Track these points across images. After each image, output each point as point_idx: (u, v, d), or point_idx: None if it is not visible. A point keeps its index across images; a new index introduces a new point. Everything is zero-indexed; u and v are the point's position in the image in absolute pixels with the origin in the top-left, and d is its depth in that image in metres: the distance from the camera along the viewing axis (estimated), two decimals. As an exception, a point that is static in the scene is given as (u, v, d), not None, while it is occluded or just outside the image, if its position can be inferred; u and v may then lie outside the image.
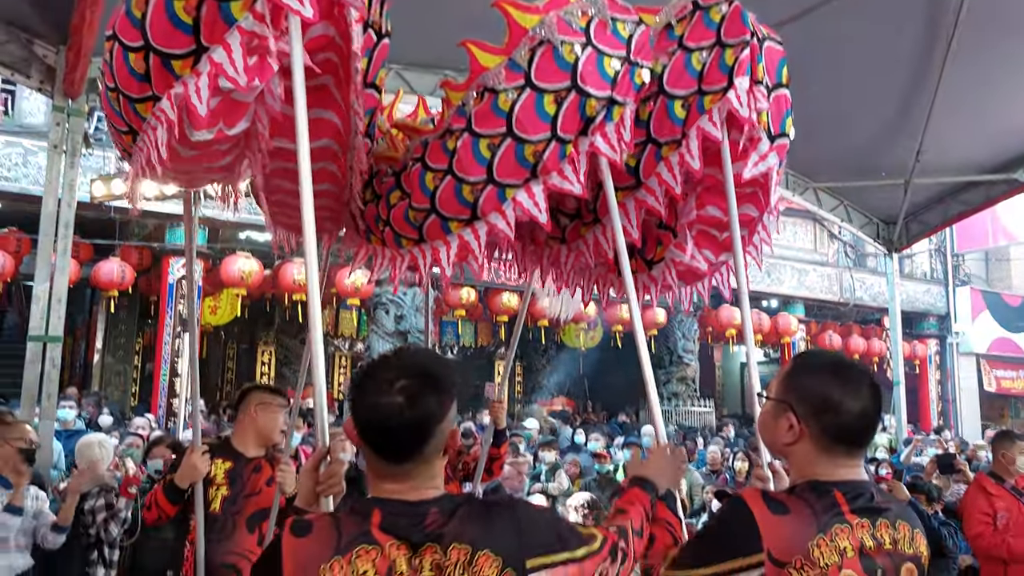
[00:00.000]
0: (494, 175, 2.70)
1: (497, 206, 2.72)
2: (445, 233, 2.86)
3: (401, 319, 13.45)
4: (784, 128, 2.96)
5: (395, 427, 1.56)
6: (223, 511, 3.54)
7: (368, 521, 1.53)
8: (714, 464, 9.61)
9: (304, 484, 1.88)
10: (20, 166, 10.84)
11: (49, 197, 5.42)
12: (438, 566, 1.51)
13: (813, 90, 6.49)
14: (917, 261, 19.94)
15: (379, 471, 1.61)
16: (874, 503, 1.71)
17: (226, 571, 3.48)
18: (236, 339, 16.73)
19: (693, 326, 16.78)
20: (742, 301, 2.85)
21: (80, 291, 14.60)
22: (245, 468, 3.66)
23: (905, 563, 1.70)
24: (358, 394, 1.61)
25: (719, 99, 2.76)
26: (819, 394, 1.75)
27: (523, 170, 2.68)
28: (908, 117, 7.44)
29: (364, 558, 1.49)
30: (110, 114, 2.52)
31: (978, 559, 5.46)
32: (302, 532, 1.53)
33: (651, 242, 3.26)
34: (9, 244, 11.27)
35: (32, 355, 5.19)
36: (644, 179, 2.97)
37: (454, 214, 2.81)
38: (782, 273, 17.35)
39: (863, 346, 18.12)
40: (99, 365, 14.86)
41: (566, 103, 2.62)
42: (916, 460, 9.56)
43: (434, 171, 2.81)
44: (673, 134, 2.89)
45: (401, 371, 1.59)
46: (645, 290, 3.32)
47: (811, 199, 9.46)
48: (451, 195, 2.78)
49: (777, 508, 1.66)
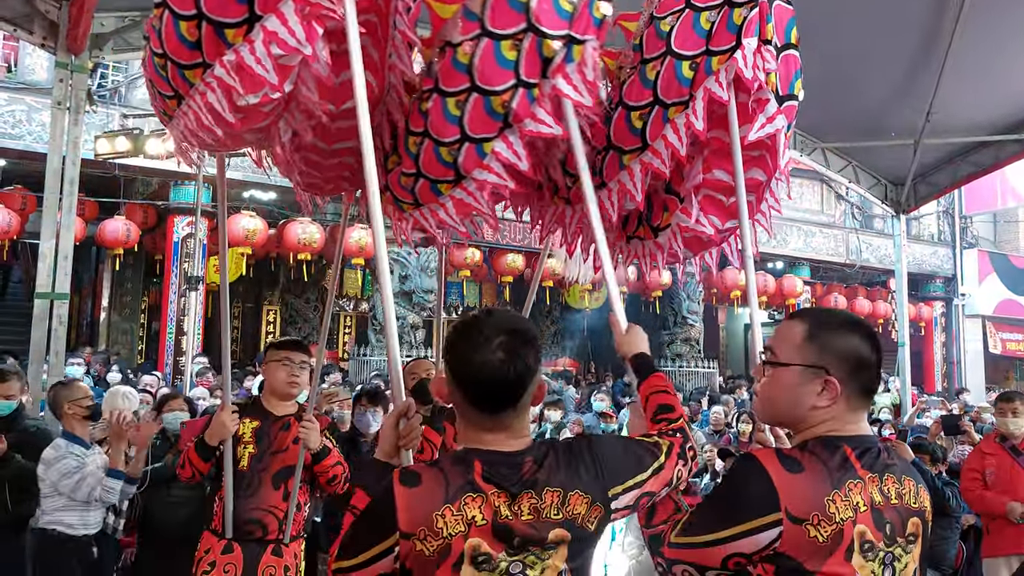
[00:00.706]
0: (467, 132, 2.65)
1: (478, 162, 2.67)
2: (436, 195, 2.82)
3: (406, 279, 13.46)
4: (793, 90, 2.90)
5: (497, 381, 1.68)
6: (250, 468, 3.66)
7: (471, 471, 1.67)
8: (717, 424, 9.66)
9: (387, 438, 1.96)
10: (24, 123, 10.80)
11: (53, 154, 5.40)
12: (535, 509, 1.67)
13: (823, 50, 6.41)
14: (924, 223, 19.85)
15: (478, 423, 1.73)
16: (881, 458, 1.71)
17: (252, 526, 3.62)
18: (241, 298, 16.74)
19: (698, 287, 16.77)
20: (747, 266, 2.80)
21: (86, 249, 14.64)
22: (272, 427, 3.75)
23: (911, 517, 1.71)
24: (457, 353, 1.72)
25: (726, 60, 2.70)
26: (855, 353, 1.73)
27: (495, 122, 2.62)
28: (918, 78, 7.35)
29: (471, 505, 1.64)
30: (156, 79, 2.58)
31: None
32: (413, 483, 1.65)
33: (657, 207, 3.21)
34: (14, 202, 11.26)
35: (39, 312, 5.22)
36: (650, 141, 2.91)
37: (440, 176, 2.77)
38: (788, 234, 17.30)
39: (868, 308, 18.12)
40: (105, 323, 14.94)
41: (525, 46, 2.54)
42: (919, 422, 9.61)
43: (414, 135, 2.78)
44: (681, 95, 2.83)
45: (496, 329, 1.71)
46: (651, 257, 3.27)
47: (819, 159, 9.39)
48: (432, 158, 2.75)
49: (792, 466, 1.64)
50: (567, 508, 1.69)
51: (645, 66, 2.97)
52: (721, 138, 2.87)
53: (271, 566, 3.63)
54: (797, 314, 1.86)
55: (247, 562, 3.59)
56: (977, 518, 5.88)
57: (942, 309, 19.95)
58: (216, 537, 3.63)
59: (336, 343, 16.87)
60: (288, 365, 3.78)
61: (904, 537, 1.69)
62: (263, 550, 3.64)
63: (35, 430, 4.70)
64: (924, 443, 6.31)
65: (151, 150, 9.82)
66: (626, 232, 3.36)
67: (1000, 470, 5.20)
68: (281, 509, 3.69)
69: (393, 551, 1.63)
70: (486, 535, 1.63)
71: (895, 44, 6.94)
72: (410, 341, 13.42)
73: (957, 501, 5.75)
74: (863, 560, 1.62)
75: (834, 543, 1.60)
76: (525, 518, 1.66)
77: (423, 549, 1.61)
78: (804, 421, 1.75)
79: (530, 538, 1.66)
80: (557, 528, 1.68)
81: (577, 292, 16.32)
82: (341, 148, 3.01)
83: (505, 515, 1.65)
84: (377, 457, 1.97)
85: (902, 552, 1.68)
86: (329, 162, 3.11)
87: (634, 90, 3.01)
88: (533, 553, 1.67)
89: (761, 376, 1.83)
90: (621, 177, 3.02)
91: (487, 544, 1.63)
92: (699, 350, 16.97)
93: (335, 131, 2.87)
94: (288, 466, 3.72)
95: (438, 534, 1.61)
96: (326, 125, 2.81)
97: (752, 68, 2.69)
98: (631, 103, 3.00)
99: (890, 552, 1.66)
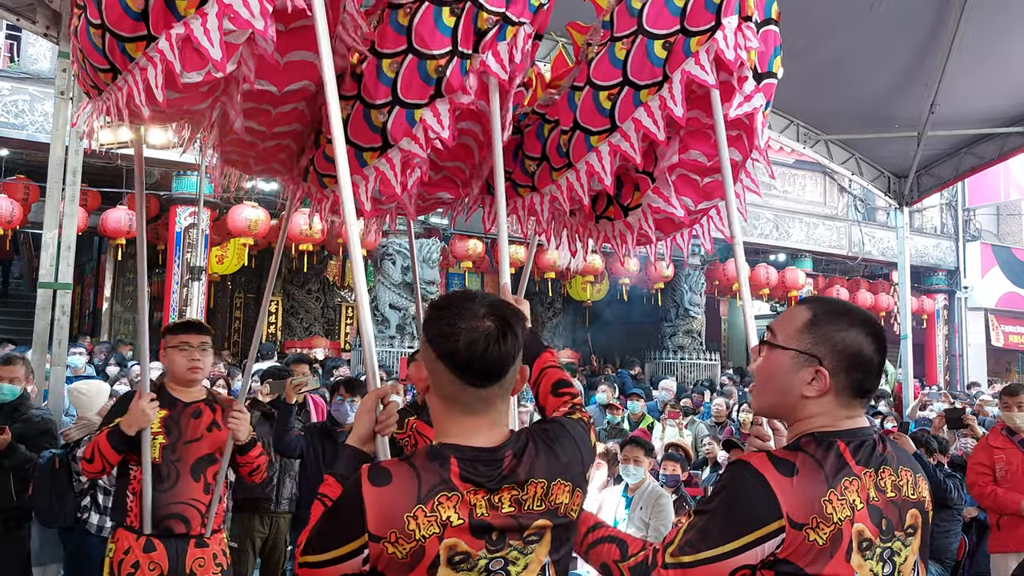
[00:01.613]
0: (399, 95, 2.61)
1: (407, 130, 2.63)
2: (361, 166, 2.75)
3: (408, 270, 13.44)
4: (772, 67, 2.80)
5: (485, 349, 1.60)
6: (163, 459, 3.43)
7: (447, 469, 1.58)
8: (719, 416, 9.68)
9: (363, 425, 1.87)
10: (27, 113, 10.79)
11: (56, 144, 5.39)
12: (517, 501, 1.62)
13: (827, 41, 6.39)
14: (927, 216, 19.82)
15: (460, 402, 1.65)
16: (876, 451, 1.67)
17: (173, 520, 3.42)
18: (243, 289, 16.76)
19: (700, 279, 16.76)
20: (736, 250, 2.71)
21: (88, 239, 14.65)
22: (182, 415, 3.53)
23: (909, 509, 1.67)
24: (442, 322, 1.63)
25: (706, 40, 2.61)
26: (854, 351, 1.66)
27: (427, 87, 2.60)
28: (922, 69, 7.32)
29: (446, 504, 1.56)
30: (88, 50, 2.42)
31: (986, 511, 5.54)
32: (381, 481, 1.56)
33: (628, 186, 3.10)
34: (17, 192, 11.27)
35: (42, 302, 5.22)
36: (620, 123, 2.83)
37: (367, 143, 2.72)
38: (791, 227, 17.28)
39: (871, 300, 18.10)
40: (108, 313, 14.96)
41: (463, 15, 2.53)
42: (922, 415, 9.62)
43: (345, 99, 2.71)
44: (653, 76, 2.74)
45: (482, 301, 1.66)
46: (621, 239, 3.16)
47: (822, 152, 9.36)
48: (361, 122, 2.70)
49: (785, 469, 1.59)
50: (550, 498, 1.66)
51: (615, 44, 2.87)
52: (699, 118, 2.78)
53: (200, 558, 3.45)
54: (809, 300, 1.82)
55: (171, 558, 3.38)
56: (981, 511, 5.86)
57: (944, 302, 19.94)
58: (134, 535, 3.39)
59: (338, 334, 16.88)
60: (187, 350, 3.55)
61: (903, 530, 1.65)
62: (186, 544, 3.43)
63: (40, 419, 4.71)
64: (922, 435, 6.31)
65: (153, 140, 9.81)
66: (595, 212, 3.26)
67: (1011, 465, 5.16)
68: (203, 502, 3.48)
69: (361, 552, 1.55)
70: (463, 534, 1.56)
71: (899, 36, 6.91)
72: (412, 332, 13.42)
73: (959, 493, 5.75)
74: (861, 559, 1.58)
75: (833, 545, 1.56)
76: (505, 510, 1.60)
77: (395, 552, 1.54)
78: (794, 411, 1.71)
79: (509, 529, 1.60)
80: (540, 518, 1.64)
81: (579, 284, 16.31)
82: (282, 131, 2.93)
83: (482, 512, 1.58)
84: (350, 443, 1.86)
85: (901, 546, 1.65)
86: (265, 144, 3.02)
87: (602, 69, 2.90)
88: (515, 548, 1.61)
89: (757, 357, 1.79)
90: (589, 158, 2.93)
91: (465, 543, 1.57)
92: (701, 342, 16.97)
93: (276, 115, 2.81)
94: (206, 455, 3.52)
95: (410, 536, 1.53)
96: (266, 110, 2.75)
97: (734, 48, 2.60)
98: (599, 82, 2.90)
99: (888, 547, 1.62)
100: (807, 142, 9.17)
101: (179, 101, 2.45)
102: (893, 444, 1.75)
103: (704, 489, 6.99)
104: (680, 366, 16.15)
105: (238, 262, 14.04)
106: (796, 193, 17.57)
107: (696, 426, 9.17)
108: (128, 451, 3.40)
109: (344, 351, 15.62)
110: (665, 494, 5.13)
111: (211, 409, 3.62)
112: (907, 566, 1.66)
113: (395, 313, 13.39)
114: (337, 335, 16.82)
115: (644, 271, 15.01)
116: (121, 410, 3.47)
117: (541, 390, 2.12)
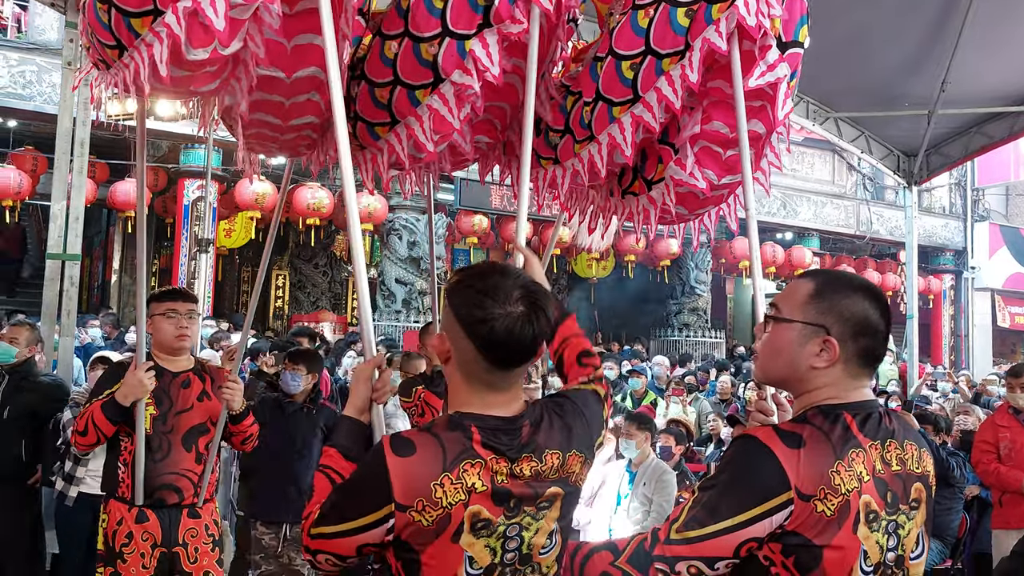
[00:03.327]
0: (448, 26, 2.59)
1: (459, 62, 2.61)
2: (414, 105, 2.73)
3: (414, 245, 13.46)
4: (797, 36, 2.72)
5: (517, 336, 1.62)
6: (154, 430, 3.40)
7: (469, 438, 1.62)
8: (724, 394, 9.71)
9: (360, 393, 1.88)
10: (34, 84, 10.76)
11: (64, 115, 5.40)
12: (536, 471, 1.66)
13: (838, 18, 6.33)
14: (936, 195, 19.70)
15: (484, 380, 1.67)
16: (882, 423, 1.67)
17: (166, 491, 3.41)
18: (251, 262, 16.82)
19: (706, 257, 16.74)
20: (750, 226, 2.67)
21: (97, 212, 14.67)
22: (172, 385, 3.48)
23: (914, 483, 1.67)
24: (474, 305, 1.62)
25: (727, 8, 2.56)
26: (860, 317, 1.67)
27: (476, 16, 2.58)
28: (934, 47, 7.26)
29: (471, 472, 1.60)
30: (95, 26, 2.42)
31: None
32: (405, 452, 1.59)
33: (651, 159, 3.03)
34: (25, 163, 11.28)
35: (51, 273, 5.25)
36: (642, 93, 2.77)
37: (418, 80, 2.70)
38: (798, 205, 17.21)
39: (878, 280, 18.03)
40: (116, 286, 15.03)
41: None
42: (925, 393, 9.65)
43: (391, 38, 2.68)
44: (676, 45, 2.69)
45: (515, 282, 1.65)
46: (645, 214, 3.09)
47: (831, 129, 9.31)
48: (411, 58, 2.67)
49: (792, 441, 1.59)
50: (565, 468, 1.71)
51: (637, 12, 2.81)
52: (723, 88, 2.72)
53: (191, 528, 3.45)
54: (808, 272, 1.82)
55: (164, 528, 3.39)
56: (983, 489, 5.91)
57: (951, 282, 19.88)
58: (126, 505, 3.38)
59: (345, 308, 16.93)
60: (174, 317, 3.49)
61: (907, 503, 1.66)
62: (179, 514, 3.43)
63: (50, 384, 4.76)
64: (927, 413, 6.34)
65: (161, 112, 9.81)
66: (621, 187, 3.21)
67: (1015, 444, 5.21)
68: (195, 472, 3.46)
69: (387, 522, 1.58)
70: (486, 500, 1.61)
71: (911, 13, 6.85)
72: (418, 307, 13.47)
73: (962, 472, 5.79)
74: (868, 531, 1.58)
75: (841, 515, 1.56)
76: (524, 479, 1.65)
77: (421, 520, 1.57)
78: (802, 383, 1.70)
79: (526, 497, 1.65)
80: (552, 486, 1.69)
81: (584, 261, 16.30)
82: (299, 124, 2.92)
83: (503, 480, 1.62)
84: (348, 414, 1.87)
85: (905, 519, 1.65)
86: (285, 137, 3.03)
87: (624, 38, 2.84)
88: (528, 514, 1.66)
89: (762, 333, 1.77)
90: (611, 130, 2.87)
91: (487, 510, 1.61)
92: (706, 320, 16.99)
93: (290, 107, 2.79)
94: (196, 425, 3.49)
95: (437, 504, 1.57)
96: (279, 103, 2.74)
97: (756, 15, 2.54)
98: (622, 52, 2.84)
99: (893, 520, 1.63)
100: (816, 119, 9.11)
101: (186, 80, 2.45)
102: (898, 418, 1.74)
103: (707, 465, 7.03)
104: (685, 343, 16.18)
105: (245, 236, 14.07)
106: (804, 171, 17.47)
107: (700, 403, 9.21)
108: (122, 422, 3.37)
109: (351, 325, 15.67)
110: (669, 470, 5.17)
111: (200, 379, 3.57)
112: (911, 539, 1.66)
113: (401, 288, 13.42)
114: (344, 309, 16.87)
115: (650, 248, 14.99)
116: (111, 381, 3.42)
117: (565, 360, 2.10)
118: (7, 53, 10.72)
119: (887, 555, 1.62)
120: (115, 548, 3.36)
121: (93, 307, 15.15)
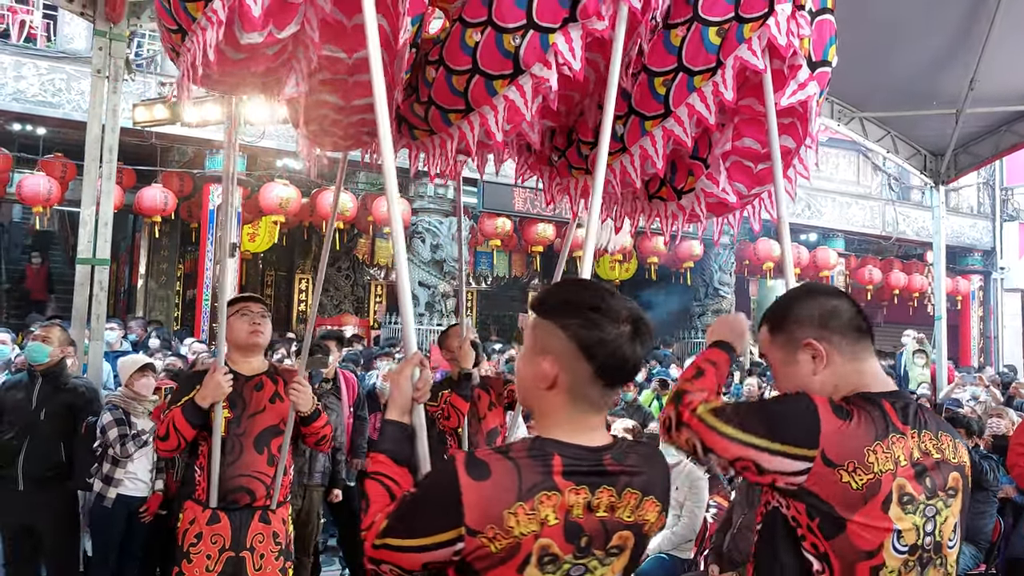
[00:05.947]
0: (534, 18, 2.60)
1: (541, 55, 2.61)
2: (490, 95, 2.75)
3: (437, 248, 13.48)
4: (827, 56, 2.84)
5: (627, 356, 1.61)
6: (228, 433, 3.48)
7: (549, 467, 1.56)
8: (751, 396, 9.66)
9: (403, 394, 1.85)
10: (63, 92, 10.91)
11: (93, 122, 5.46)
12: (612, 507, 1.60)
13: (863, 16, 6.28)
14: (964, 195, 19.47)
15: (591, 401, 1.64)
16: (918, 414, 1.75)
17: (238, 493, 3.48)
18: (274, 266, 16.92)
19: (730, 259, 16.65)
20: (783, 235, 2.76)
21: (123, 217, 14.82)
22: (245, 388, 3.57)
23: (951, 472, 1.74)
24: (593, 326, 1.61)
25: (759, 27, 2.64)
26: (816, 312, 1.81)
27: (562, 9, 2.59)
28: (962, 44, 7.16)
29: (546, 503, 1.54)
30: (160, 12, 2.50)
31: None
32: (481, 475, 1.54)
33: (682, 171, 3.18)
34: (55, 170, 11.43)
35: (81, 278, 5.31)
36: (674, 108, 2.87)
37: (497, 70, 2.71)
38: (823, 205, 17.06)
39: (904, 281, 17.87)
40: (142, 291, 15.17)
41: None
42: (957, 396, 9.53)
43: (472, 25, 2.69)
44: (708, 63, 2.78)
45: (622, 304, 1.65)
46: (673, 218, 3.26)
47: (856, 129, 9.22)
48: (492, 48, 2.68)
49: (841, 412, 1.68)
50: (640, 512, 1.64)
51: (669, 31, 2.91)
52: (753, 106, 2.82)
53: (259, 534, 3.50)
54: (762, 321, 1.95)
55: (235, 530, 3.45)
56: (1019, 494, 5.83)
57: (980, 283, 19.63)
58: (200, 507, 3.47)
59: (367, 311, 16.99)
60: (248, 314, 3.64)
61: (945, 491, 1.72)
62: (251, 517, 3.49)
63: (85, 390, 4.83)
64: (960, 416, 6.25)
65: (188, 118, 9.90)
66: (648, 192, 3.33)
67: None
68: (267, 474, 3.53)
69: (455, 544, 1.53)
70: (557, 535, 1.55)
71: (939, 11, 6.77)
72: (441, 310, 13.48)
73: (995, 475, 5.71)
74: (901, 512, 1.65)
75: (869, 492, 1.63)
76: (600, 514, 1.59)
77: (490, 547, 1.52)
78: (823, 388, 1.78)
79: (596, 537, 1.59)
80: (624, 530, 1.63)
81: (607, 263, 16.26)
82: (361, 104, 2.91)
83: (578, 514, 1.56)
84: (392, 417, 1.83)
85: (943, 506, 1.71)
86: (348, 119, 3.03)
87: (658, 55, 2.94)
88: (597, 558, 1.60)
89: (767, 344, 1.92)
90: (643, 143, 2.99)
91: (557, 545, 1.55)
92: (730, 322, 16.85)
93: (352, 85, 2.79)
94: (268, 428, 3.56)
95: (508, 532, 1.52)
96: (342, 80, 2.74)
97: (786, 35, 2.64)
98: (654, 68, 2.95)
99: (932, 505, 1.69)
100: (842, 119, 9.03)
101: (244, 63, 2.47)
102: (930, 412, 1.82)
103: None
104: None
105: (269, 240, 14.15)
106: (829, 172, 17.32)
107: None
108: (200, 426, 3.45)
109: (373, 328, 15.73)
110: (701, 475, 5.16)
111: (273, 381, 3.65)
112: (948, 526, 1.73)
113: (424, 291, 13.45)
114: (366, 312, 16.93)
115: (673, 250, 14.93)
116: (187, 389, 3.50)
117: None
118: (37, 62, 10.87)
119: (924, 539, 1.69)
120: (184, 547, 3.45)
121: (120, 312, 15.30)
